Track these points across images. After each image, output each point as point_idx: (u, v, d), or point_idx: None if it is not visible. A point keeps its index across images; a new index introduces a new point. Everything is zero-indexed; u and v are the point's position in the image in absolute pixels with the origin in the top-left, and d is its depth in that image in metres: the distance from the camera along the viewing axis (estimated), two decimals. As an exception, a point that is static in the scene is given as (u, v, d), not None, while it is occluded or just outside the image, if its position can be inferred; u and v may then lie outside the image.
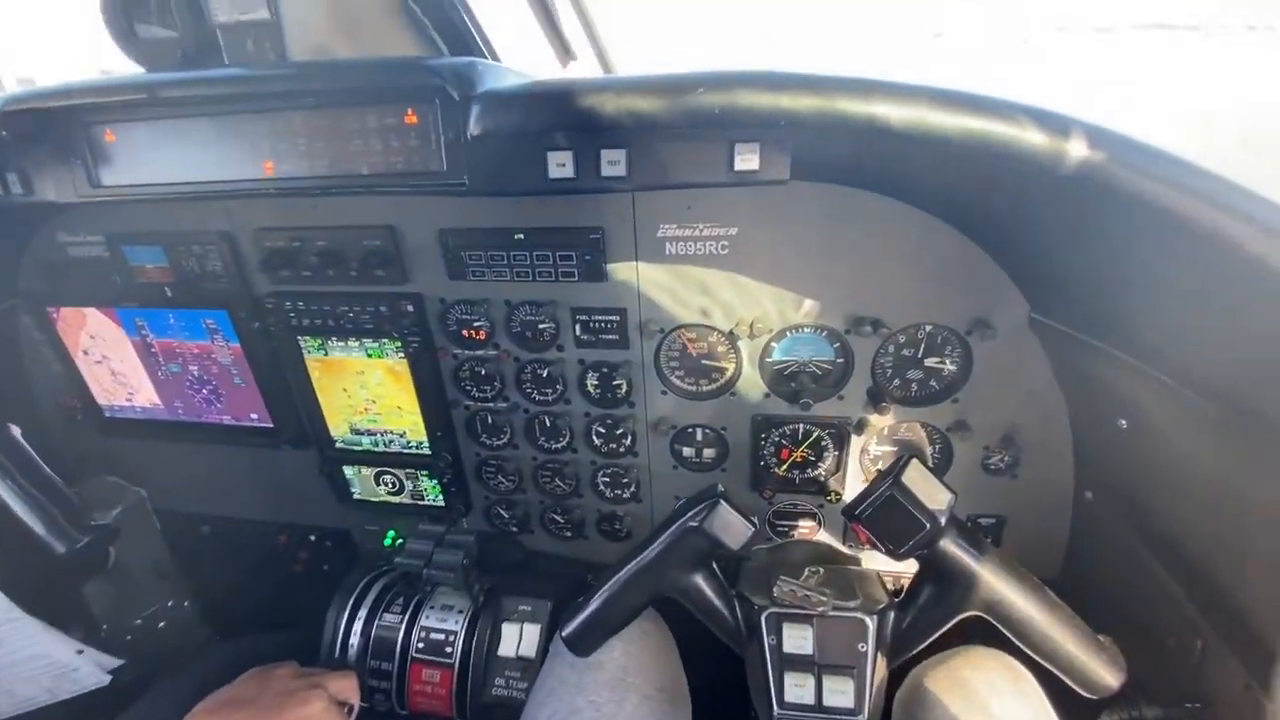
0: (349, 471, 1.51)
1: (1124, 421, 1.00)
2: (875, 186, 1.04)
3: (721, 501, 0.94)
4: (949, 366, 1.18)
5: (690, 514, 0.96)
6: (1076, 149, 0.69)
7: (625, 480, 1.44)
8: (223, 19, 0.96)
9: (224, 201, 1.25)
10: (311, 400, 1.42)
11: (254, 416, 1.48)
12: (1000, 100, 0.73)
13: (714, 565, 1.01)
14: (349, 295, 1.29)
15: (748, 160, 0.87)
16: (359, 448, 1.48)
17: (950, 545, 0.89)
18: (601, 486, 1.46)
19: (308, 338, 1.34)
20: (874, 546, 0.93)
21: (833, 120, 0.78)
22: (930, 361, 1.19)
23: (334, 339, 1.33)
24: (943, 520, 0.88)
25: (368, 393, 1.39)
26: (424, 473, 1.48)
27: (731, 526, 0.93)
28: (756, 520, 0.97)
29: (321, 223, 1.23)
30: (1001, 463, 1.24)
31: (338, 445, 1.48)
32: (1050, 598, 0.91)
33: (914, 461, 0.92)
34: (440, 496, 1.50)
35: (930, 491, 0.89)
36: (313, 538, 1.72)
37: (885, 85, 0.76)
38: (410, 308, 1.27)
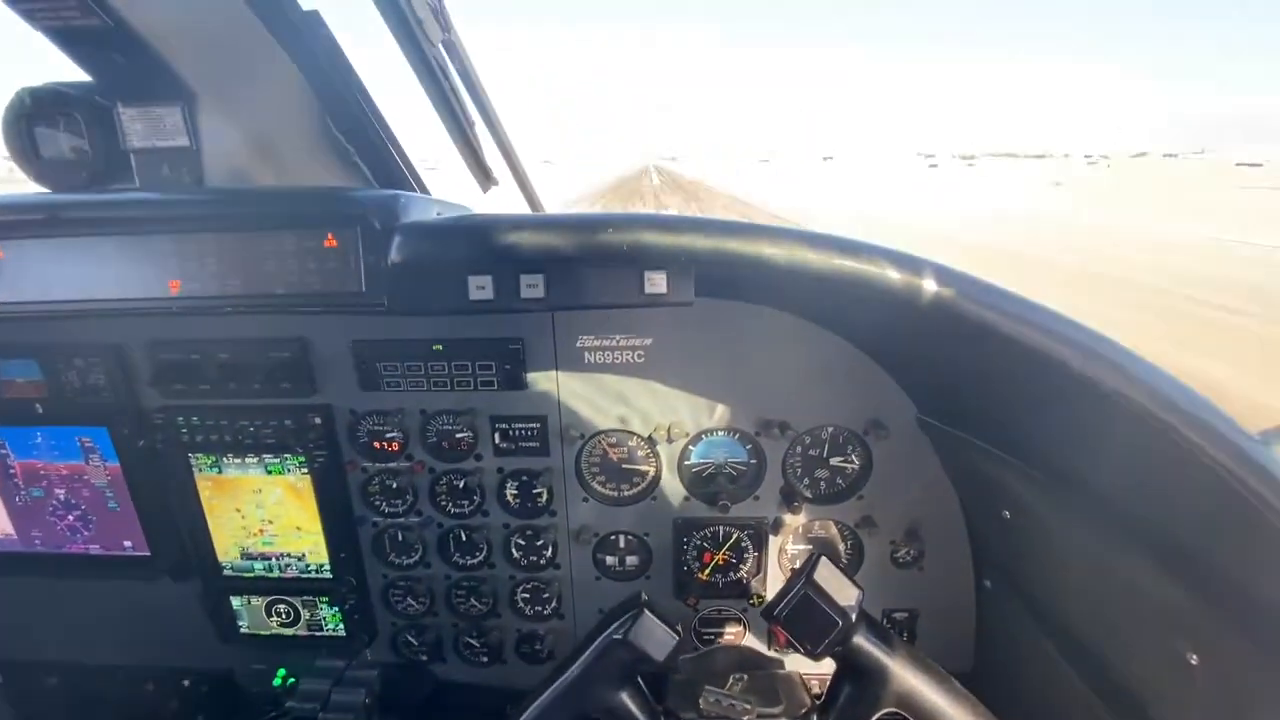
0: (236, 602, 1.36)
1: (1007, 512, 1.10)
2: (774, 303, 1.15)
3: (645, 611, 0.93)
4: (852, 464, 1.26)
5: (614, 626, 0.93)
6: (929, 286, 0.81)
7: (546, 595, 1.38)
8: (138, 144, 0.97)
9: None
10: (198, 524, 1.29)
11: (128, 545, 1.33)
12: (865, 244, 0.86)
13: (639, 682, 0.97)
14: (250, 409, 1.23)
15: (656, 285, 0.95)
16: (250, 574, 1.34)
17: (863, 641, 0.92)
18: (521, 603, 1.39)
19: (200, 455, 1.25)
20: (793, 648, 0.94)
21: (724, 258, 0.87)
22: (835, 460, 1.26)
23: (230, 455, 1.25)
24: (853, 616, 0.91)
25: (264, 512, 1.29)
26: (323, 599, 1.35)
27: (656, 637, 0.92)
28: (682, 629, 0.96)
29: (225, 335, 1.19)
30: (908, 556, 1.30)
31: (225, 572, 1.34)
32: (960, 691, 0.94)
33: (823, 559, 0.96)
34: (341, 625, 1.37)
35: (839, 588, 0.92)
36: (187, 683, 1.50)
37: (768, 230, 0.88)
38: (318, 420, 1.22)
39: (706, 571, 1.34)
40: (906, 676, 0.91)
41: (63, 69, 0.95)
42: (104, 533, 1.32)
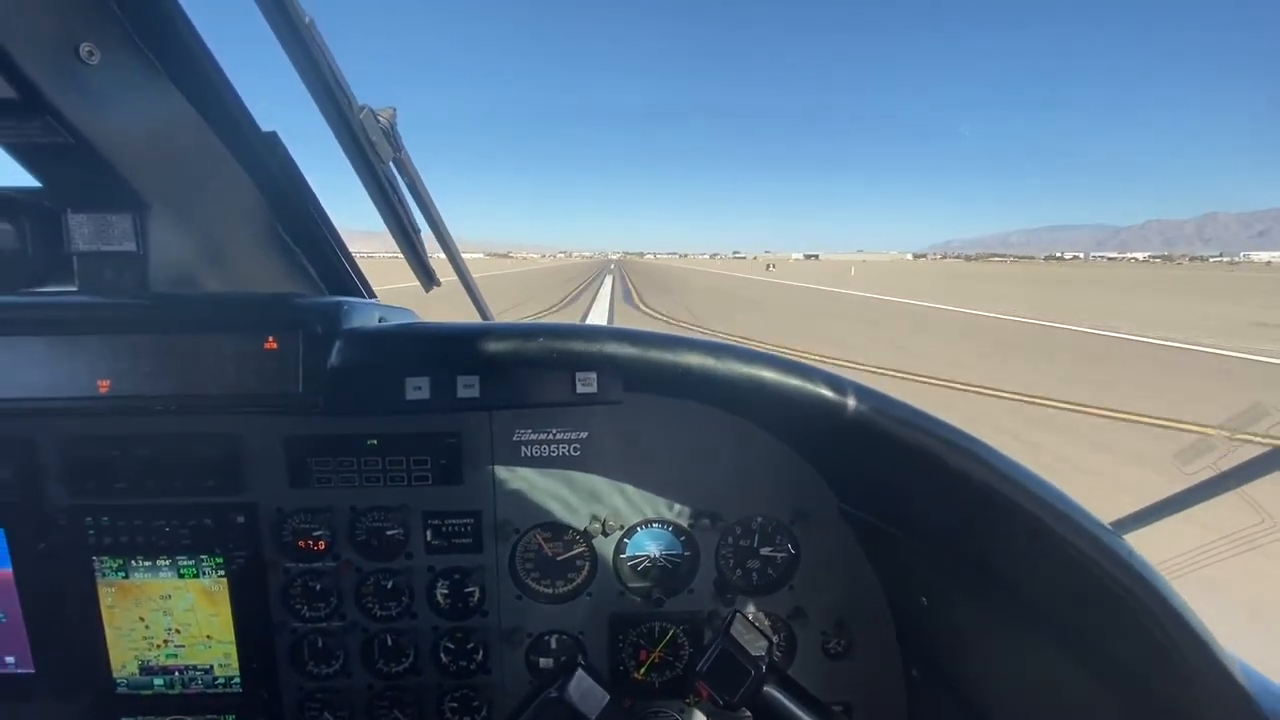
0: None
1: (925, 599, 1.15)
2: (701, 398, 1.22)
3: (580, 670, 0.96)
4: (782, 554, 1.30)
5: (550, 688, 0.96)
6: (851, 402, 0.90)
7: (475, 703, 1.31)
8: (83, 248, 0.99)
9: None
10: (94, 634, 1.20)
11: (9, 661, 1.21)
12: (788, 360, 0.95)
13: None
14: (167, 508, 1.18)
15: (587, 385, 1.01)
16: (147, 691, 1.23)
17: (773, 691, 0.96)
18: (449, 714, 1.32)
19: (106, 558, 1.18)
20: (713, 702, 0.97)
21: (649, 366, 0.95)
22: (765, 550, 1.30)
23: (140, 559, 1.18)
24: (763, 666, 0.96)
25: (172, 620, 1.21)
26: (230, 717, 1.25)
27: (590, 695, 0.95)
28: None
29: (148, 431, 1.16)
30: (839, 646, 1.32)
31: (119, 690, 1.23)
32: None
33: (739, 615, 1.03)
34: None
35: (752, 640, 0.99)
36: None
37: (693, 342, 0.96)
38: (241, 519, 1.18)
39: (643, 670, 1.32)
40: None
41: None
42: (-19, 649, 1.20)
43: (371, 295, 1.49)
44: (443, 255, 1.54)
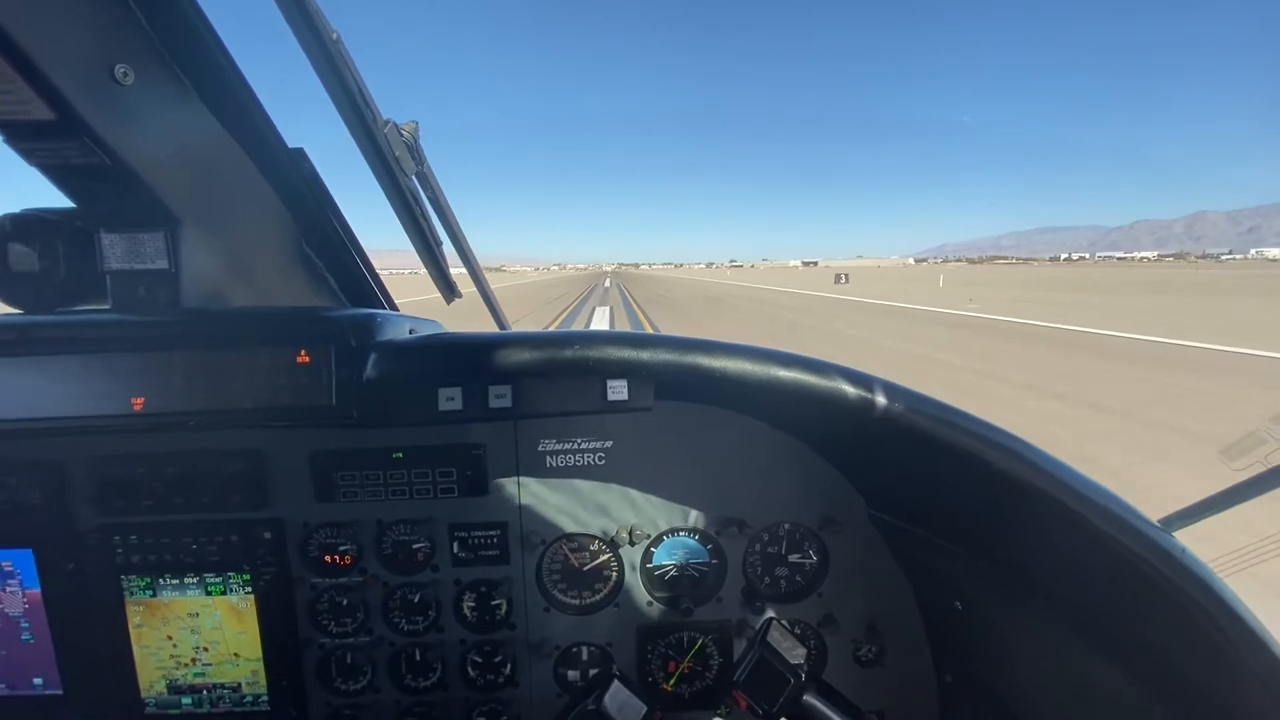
0: None
1: (959, 603, 1.13)
2: (731, 406, 1.22)
3: (615, 681, 0.97)
4: (810, 561, 1.28)
5: (587, 700, 0.97)
6: (880, 400, 0.89)
7: (504, 717, 1.30)
8: (115, 266, 1.00)
9: None
10: (122, 654, 1.19)
11: (37, 683, 1.20)
12: (821, 362, 0.94)
13: None
14: (194, 525, 1.18)
15: (618, 392, 1.01)
16: (175, 711, 1.22)
17: (813, 700, 0.95)
18: None
19: (134, 577, 1.18)
20: (752, 712, 0.97)
21: (681, 370, 0.95)
22: (793, 557, 1.29)
23: (167, 576, 1.18)
24: (802, 675, 0.94)
25: (200, 639, 1.21)
26: None
27: (627, 705, 0.96)
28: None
29: (174, 448, 1.16)
30: (870, 653, 1.30)
31: (148, 710, 1.22)
32: None
33: (774, 623, 1.01)
34: None
35: (790, 648, 1.00)
36: None
37: (727, 346, 0.96)
38: (268, 535, 1.18)
39: (672, 681, 1.30)
40: None
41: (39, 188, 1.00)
42: (11, 669, 1.20)
43: (394, 308, 1.50)
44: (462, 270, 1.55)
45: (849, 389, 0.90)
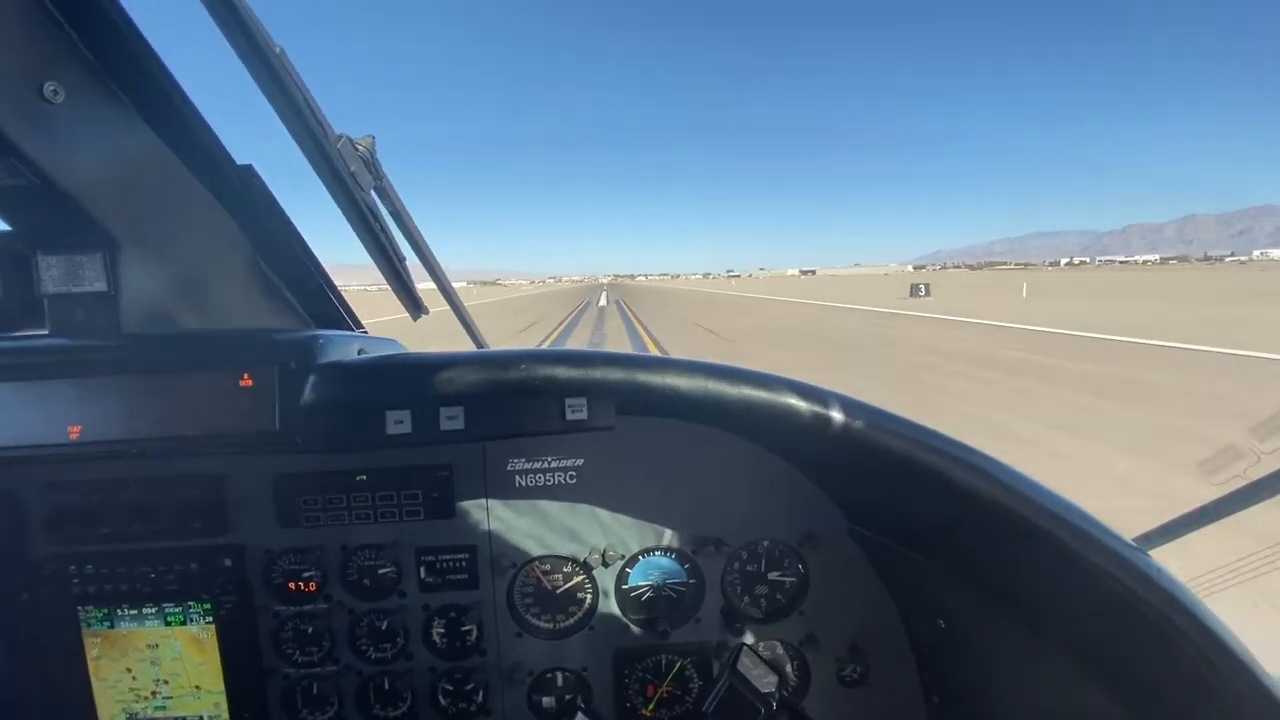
0: None
1: (942, 621, 1.09)
2: (702, 419, 1.18)
3: (579, 715, 0.90)
4: (790, 579, 1.25)
5: None
6: (837, 416, 0.86)
7: None
8: (52, 290, 0.97)
9: None
10: (80, 688, 1.15)
11: (-10, 721, 1.17)
12: (774, 377, 0.91)
13: None
14: (152, 553, 1.14)
15: (577, 411, 0.97)
16: None
17: None
18: None
19: (91, 608, 1.14)
20: None
21: (638, 389, 0.91)
22: (773, 575, 1.25)
23: (126, 607, 1.14)
24: (774, 703, 0.92)
25: (160, 670, 1.17)
26: None
27: None
28: None
29: (130, 474, 1.12)
30: (855, 673, 1.26)
31: None
32: None
33: (745, 650, 0.98)
34: None
35: (760, 675, 0.96)
36: None
37: (679, 363, 0.93)
38: (229, 562, 1.14)
39: (651, 706, 1.26)
40: None
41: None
42: (-37, 708, 1.16)
43: (359, 325, 1.46)
44: (432, 285, 1.51)
45: (801, 404, 0.87)
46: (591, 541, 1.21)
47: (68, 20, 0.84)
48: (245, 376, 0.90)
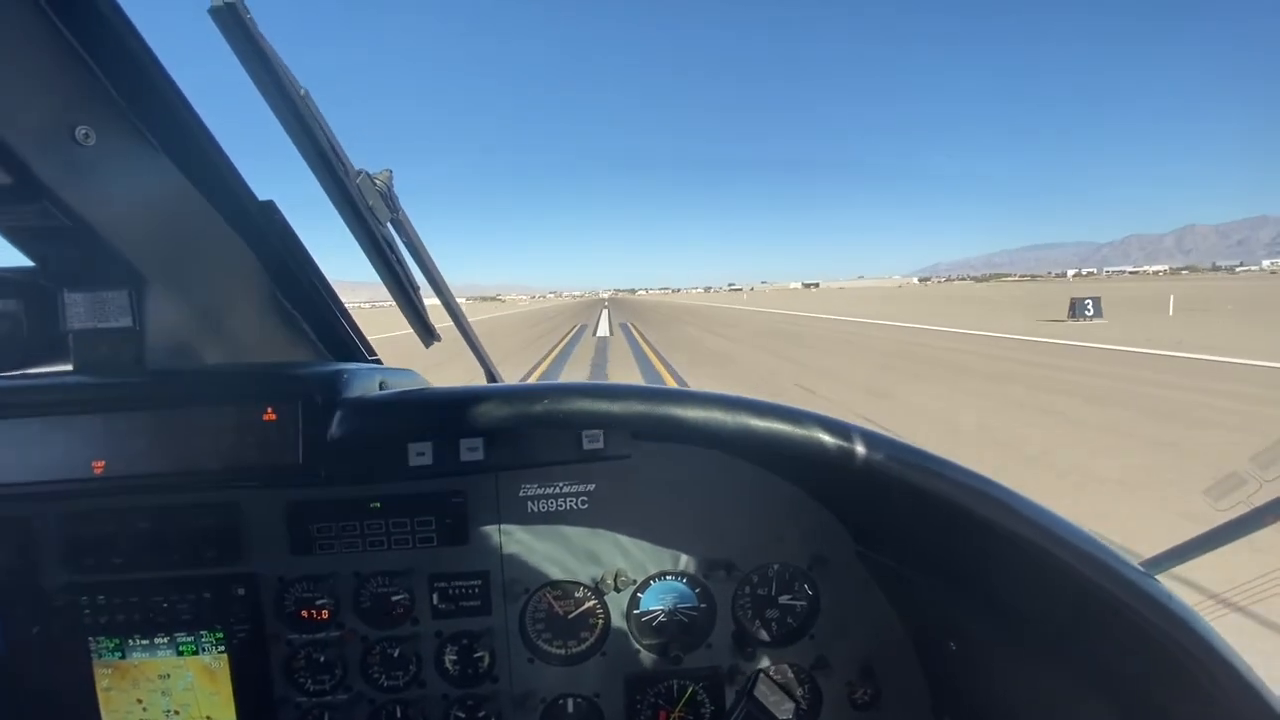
0: None
1: (953, 643, 1.10)
2: (715, 445, 1.20)
3: None
4: (801, 602, 1.26)
5: None
6: (860, 450, 0.88)
7: None
8: (78, 326, 0.98)
9: None
10: (90, 719, 1.15)
11: (-1, 755, 1.16)
12: (799, 410, 0.93)
13: None
14: (165, 582, 1.14)
15: (594, 441, 0.99)
16: None
17: None
18: None
19: (103, 639, 1.14)
20: None
21: (655, 421, 0.93)
22: (784, 598, 1.26)
23: (137, 637, 1.14)
24: None
25: (171, 701, 1.17)
26: None
27: None
28: None
29: (145, 503, 1.12)
30: (866, 696, 1.26)
31: None
32: None
33: (762, 676, 0.97)
34: None
35: (778, 701, 0.98)
36: None
37: (700, 396, 0.95)
38: (242, 591, 1.15)
39: None
40: None
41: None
42: (-28, 743, 1.15)
43: (373, 354, 1.48)
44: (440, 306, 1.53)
45: (827, 439, 0.89)
46: (603, 566, 1.22)
47: (96, 62, 0.86)
48: (269, 411, 0.92)
